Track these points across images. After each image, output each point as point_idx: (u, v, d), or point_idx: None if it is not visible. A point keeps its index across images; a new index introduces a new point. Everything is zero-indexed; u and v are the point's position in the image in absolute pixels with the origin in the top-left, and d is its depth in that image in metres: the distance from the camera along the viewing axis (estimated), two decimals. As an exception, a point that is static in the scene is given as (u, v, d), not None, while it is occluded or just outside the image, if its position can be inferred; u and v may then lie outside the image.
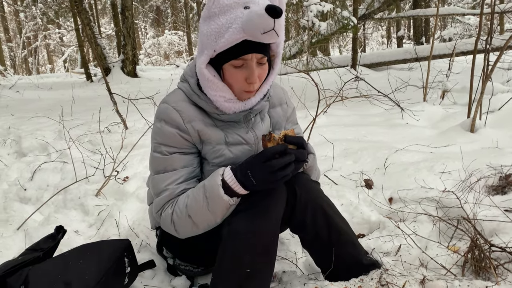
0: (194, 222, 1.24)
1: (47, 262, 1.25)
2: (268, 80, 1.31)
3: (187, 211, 1.23)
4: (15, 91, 8.06)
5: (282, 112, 1.50)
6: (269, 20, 1.09)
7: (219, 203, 1.19)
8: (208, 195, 1.20)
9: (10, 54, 22.78)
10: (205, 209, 1.21)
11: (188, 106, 1.30)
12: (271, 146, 1.18)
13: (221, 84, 1.23)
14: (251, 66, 1.19)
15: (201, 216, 1.22)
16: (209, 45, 1.19)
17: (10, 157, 3.17)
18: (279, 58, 1.30)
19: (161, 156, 1.30)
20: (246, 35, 1.13)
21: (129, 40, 10.43)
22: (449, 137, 2.86)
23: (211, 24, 1.18)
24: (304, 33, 5.86)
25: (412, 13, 8.64)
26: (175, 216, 1.26)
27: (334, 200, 1.76)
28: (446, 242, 1.58)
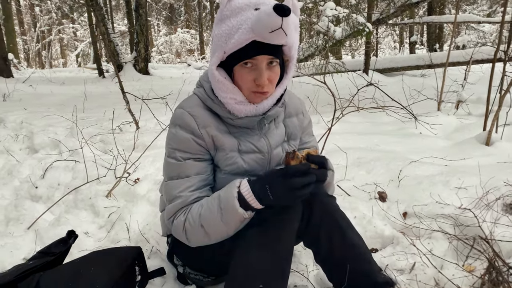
0: (207, 232, 1.22)
1: (59, 269, 1.24)
2: (281, 84, 1.30)
3: (200, 221, 1.22)
4: (28, 85, 8.12)
5: (298, 122, 1.48)
6: (277, 19, 1.09)
7: (233, 215, 1.17)
8: (222, 207, 1.18)
9: (24, 47, 23.02)
10: (218, 220, 1.19)
11: (203, 112, 1.30)
12: (294, 164, 1.18)
13: (231, 86, 1.23)
14: (261, 68, 1.19)
15: (214, 227, 1.21)
16: (219, 47, 1.20)
17: (22, 153, 3.18)
18: (293, 63, 1.29)
19: (175, 162, 1.29)
20: (255, 36, 1.13)
21: (142, 37, 10.48)
22: (464, 150, 2.81)
23: (222, 26, 1.19)
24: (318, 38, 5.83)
25: (427, 19, 8.55)
26: (187, 224, 1.24)
27: (347, 212, 1.74)
28: (461, 261, 1.54)
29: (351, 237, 1.35)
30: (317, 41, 5.89)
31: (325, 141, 2.54)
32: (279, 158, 1.41)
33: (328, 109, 4.25)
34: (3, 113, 4.45)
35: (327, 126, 3.48)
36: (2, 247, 1.76)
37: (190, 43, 24.05)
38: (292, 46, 1.22)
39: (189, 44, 24.10)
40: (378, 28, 10.69)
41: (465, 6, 18.55)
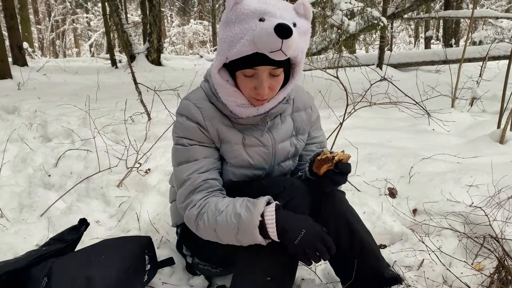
0: (218, 237, 1.22)
1: (71, 256, 1.26)
2: (285, 88, 1.28)
3: (215, 227, 1.20)
4: (43, 73, 8.21)
5: (306, 116, 1.47)
6: (277, 41, 1.06)
7: (249, 239, 1.16)
8: (240, 228, 1.16)
9: (38, 36, 23.25)
10: (233, 235, 1.18)
11: (209, 105, 1.31)
12: (326, 168, 1.24)
13: (232, 89, 1.22)
14: (261, 78, 1.18)
15: (227, 237, 1.20)
16: (222, 51, 1.19)
17: (35, 141, 3.23)
18: (300, 67, 1.26)
19: (182, 147, 1.30)
20: (256, 49, 1.11)
21: (155, 28, 10.49)
22: (477, 147, 2.78)
23: (226, 30, 1.17)
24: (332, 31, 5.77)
25: (444, 14, 8.40)
26: (201, 222, 1.23)
27: (356, 207, 1.73)
28: (471, 260, 1.53)
29: (360, 232, 1.35)
30: (331, 34, 5.84)
31: (336, 135, 2.53)
32: (286, 152, 1.41)
33: (340, 104, 4.22)
34: (18, 101, 4.51)
35: (338, 121, 3.46)
36: (16, 233, 1.80)
37: (203, 34, 24.04)
38: (298, 54, 1.19)
39: (202, 35, 24.09)
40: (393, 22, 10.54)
41: (483, 1, 18.20)
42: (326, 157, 1.23)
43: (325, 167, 1.23)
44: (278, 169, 1.43)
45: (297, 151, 1.46)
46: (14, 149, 2.98)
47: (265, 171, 1.39)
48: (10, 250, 1.67)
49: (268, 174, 1.41)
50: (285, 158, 1.43)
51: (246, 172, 1.36)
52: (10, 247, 1.69)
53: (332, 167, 1.23)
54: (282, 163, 1.43)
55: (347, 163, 1.25)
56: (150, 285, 1.44)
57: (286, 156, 1.42)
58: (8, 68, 7.20)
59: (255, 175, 1.38)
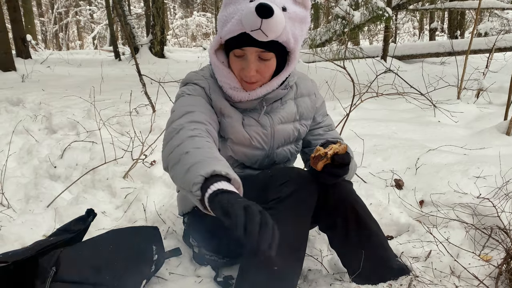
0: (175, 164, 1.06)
1: (78, 246, 1.27)
2: (279, 76, 1.30)
3: (184, 154, 1.05)
4: (46, 66, 8.21)
5: (311, 102, 1.48)
6: (256, 19, 1.09)
7: (192, 177, 0.96)
8: (199, 163, 0.99)
9: (42, 29, 23.22)
10: (185, 167, 1.01)
11: (214, 82, 1.34)
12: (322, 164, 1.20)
13: (226, 70, 1.26)
14: (249, 59, 1.21)
15: (180, 166, 1.03)
16: (218, 31, 1.24)
17: (41, 133, 3.24)
18: (294, 55, 1.28)
19: (187, 96, 1.30)
20: (244, 28, 1.14)
21: (158, 20, 10.46)
22: (483, 139, 2.76)
23: (223, 11, 1.22)
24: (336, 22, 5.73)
25: (450, 5, 8.32)
26: (178, 148, 1.08)
27: (363, 199, 1.71)
28: (478, 251, 1.53)
29: (367, 222, 1.35)
30: (335, 25, 5.80)
31: (342, 127, 2.52)
32: (287, 135, 1.42)
33: (345, 96, 4.20)
34: (22, 94, 4.52)
35: (344, 112, 3.45)
36: (23, 224, 1.81)
37: (206, 26, 23.94)
38: (288, 40, 1.20)
39: (205, 27, 23.99)
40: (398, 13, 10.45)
41: (489, -9, 17.98)
42: (319, 154, 1.20)
43: (321, 164, 1.21)
44: (280, 152, 1.43)
45: (300, 136, 1.48)
46: (20, 141, 2.98)
47: (264, 151, 1.40)
48: (18, 240, 1.68)
49: (268, 156, 1.42)
50: (285, 141, 1.44)
51: (246, 150, 1.37)
52: (17, 237, 1.70)
53: (329, 161, 1.21)
54: (283, 147, 1.44)
55: (343, 154, 1.22)
56: (157, 275, 1.45)
57: (287, 139, 1.44)
58: (12, 61, 7.20)
59: (254, 156, 1.39)
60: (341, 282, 1.38)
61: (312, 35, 6.46)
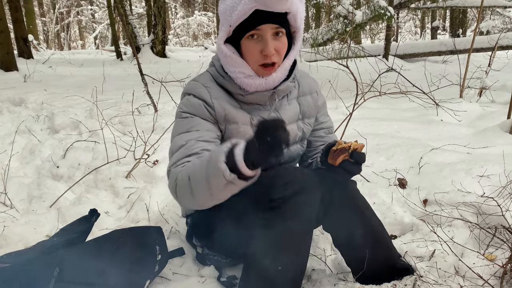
0: (191, 188, 1.09)
1: (82, 246, 1.26)
2: (289, 56, 1.30)
3: (188, 172, 1.11)
4: (48, 66, 8.21)
5: (313, 101, 1.48)
6: None
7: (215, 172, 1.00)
8: (210, 160, 1.03)
9: (43, 29, 23.25)
10: (203, 177, 1.04)
11: (216, 86, 1.32)
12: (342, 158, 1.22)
13: (239, 60, 1.25)
14: (266, 38, 1.20)
15: (197, 182, 1.07)
16: (225, 21, 1.22)
17: (43, 133, 3.24)
18: (300, 33, 1.29)
19: (185, 119, 1.28)
20: (257, 4, 1.14)
21: (159, 20, 10.45)
22: (486, 138, 2.75)
23: (226, 1, 1.21)
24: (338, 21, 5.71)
25: (452, 3, 8.29)
26: (180, 176, 1.13)
27: (366, 198, 1.70)
28: (482, 250, 1.52)
29: (371, 222, 1.35)
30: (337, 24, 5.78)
31: (345, 126, 2.51)
32: (294, 135, 1.42)
33: (347, 95, 4.19)
34: (24, 93, 4.52)
35: (346, 111, 3.44)
36: (26, 224, 1.81)
37: (207, 26, 23.92)
38: (296, 14, 1.22)
39: (206, 27, 23.98)
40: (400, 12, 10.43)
41: (491, -10, 17.93)
42: (343, 147, 1.22)
43: (341, 158, 1.22)
44: (287, 153, 1.43)
45: (305, 135, 1.48)
46: (22, 140, 2.98)
47: None
48: (21, 241, 1.68)
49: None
50: (292, 141, 1.43)
51: None
52: (20, 237, 1.70)
53: (348, 157, 1.22)
54: (290, 147, 1.43)
55: (361, 153, 1.24)
56: (161, 275, 1.44)
57: (294, 139, 1.43)
58: (14, 61, 7.20)
59: None
60: (345, 282, 1.38)
61: (314, 34, 6.45)
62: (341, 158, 1.24)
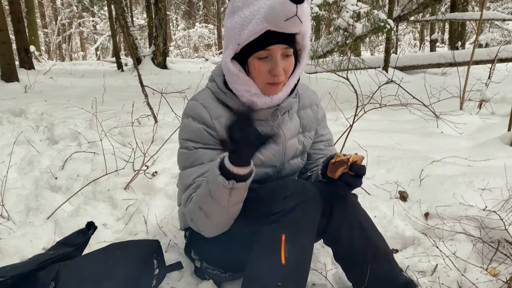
0: (206, 214, 1.19)
1: (78, 260, 1.24)
2: (294, 74, 1.29)
3: (197, 203, 1.20)
4: (49, 77, 8.24)
5: (313, 114, 1.47)
6: (291, 6, 1.07)
7: (216, 186, 1.11)
8: (209, 180, 1.15)
9: (45, 40, 23.40)
10: (209, 197, 1.15)
11: (216, 104, 1.30)
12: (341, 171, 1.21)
13: (246, 78, 1.22)
14: (275, 58, 1.18)
15: (208, 205, 1.17)
16: (233, 39, 1.19)
17: (42, 144, 3.23)
18: (306, 52, 1.28)
19: (187, 152, 1.29)
20: (268, 25, 1.11)
21: (160, 31, 10.52)
22: (487, 150, 2.73)
23: (235, 18, 1.18)
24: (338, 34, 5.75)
25: (450, 16, 8.36)
26: (192, 211, 1.23)
27: (367, 211, 1.69)
28: (485, 265, 1.50)
29: (373, 236, 1.33)
30: (337, 37, 5.82)
31: (346, 138, 2.50)
32: (295, 149, 1.41)
33: (347, 106, 4.19)
34: (25, 104, 4.52)
35: (346, 123, 3.43)
36: (23, 236, 1.79)
37: (208, 37, 24.09)
38: (305, 34, 1.21)
39: (207, 38, 24.14)
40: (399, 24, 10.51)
41: (489, 3, 18.11)
42: (341, 160, 1.20)
43: (340, 170, 1.21)
44: (288, 166, 1.42)
45: (305, 148, 1.47)
46: (21, 151, 2.97)
47: (275, 169, 1.38)
48: (17, 254, 1.66)
49: (277, 172, 1.40)
50: (293, 155, 1.42)
51: (256, 170, 1.33)
52: (16, 250, 1.67)
53: (347, 170, 1.21)
54: (291, 160, 1.42)
55: (361, 165, 1.23)
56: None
57: (295, 153, 1.42)
58: (15, 71, 7.23)
59: (266, 174, 1.37)
60: (346, 297, 1.35)
61: (314, 46, 6.48)
62: (340, 171, 1.22)
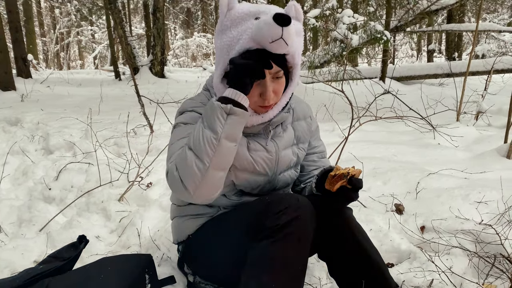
0: (195, 153, 1.09)
1: (68, 275, 1.22)
2: (286, 93, 1.28)
3: (187, 146, 1.12)
4: (46, 85, 8.23)
5: (307, 126, 1.47)
6: (277, 29, 1.06)
7: (212, 112, 1.09)
8: (204, 115, 1.12)
9: (43, 48, 23.44)
10: (201, 130, 1.10)
11: None
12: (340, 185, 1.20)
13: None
14: (265, 81, 1.17)
15: (199, 140, 1.09)
16: (222, 59, 1.18)
17: (37, 154, 3.21)
18: (297, 69, 1.26)
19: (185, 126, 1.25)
20: (255, 45, 1.11)
21: (158, 41, 10.55)
22: (484, 162, 2.73)
23: (223, 37, 1.17)
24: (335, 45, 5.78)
25: (447, 27, 8.43)
26: (177, 159, 1.13)
27: (363, 224, 1.69)
28: (482, 280, 1.48)
29: (367, 250, 1.31)
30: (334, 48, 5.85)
31: (341, 149, 2.50)
32: (288, 161, 1.40)
33: (343, 117, 4.19)
34: (21, 113, 4.51)
35: (342, 134, 3.43)
36: (14, 249, 1.76)
37: (206, 47, 24.17)
38: (295, 53, 1.19)
39: (205, 48, 24.22)
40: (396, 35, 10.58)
41: (486, 14, 18.29)
42: (342, 174, 1.19)
43: (339, 184, 1.20)
44: (281, 178, 1.41)
45: (299, 160, 1.46)
46: (16, 161, 2.95)
47: (267, 177, 1.37)
48: (8, 267, 1.63)
49: (269, 182, 1.38)
50: (287, 167, 1.41)
51: (248, 176, 1.33)
52: (7, 263, 1.65)
53: (346, 184, 1.20)
54: (284, 172, 1.41)
55: (359, 179, 1.22)
56: (150, 304, 1.40)
57: (288, 165, 1.41)
58: (11, 80, 7.22)
59: (257, 182, 1.36)
60: (341, 313, 1.33)
61: (310, 57, 6.51)
62: (339, 184, 1.21)
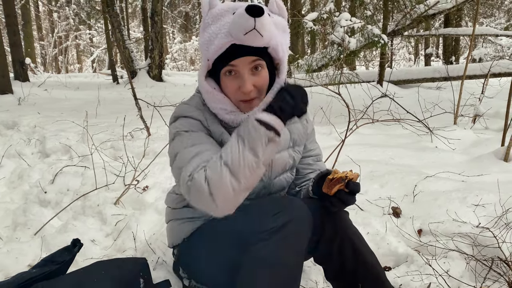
0: (232, 171, 1.04)
1: (62, 279, 1.21)
2: (272, 89, 1.25)
3: (222, 161, 1.06)
4: (44, 89, 8.22)
5: (303, 128, 1.45)
6: (249, 20, 1.06)
7: (257, 136, 1.04)
8: (242, 134, 1.06)
9: (41, 52, 23.42)
10: (242, 150, 1.05)
11: (208, 110, 1.28)
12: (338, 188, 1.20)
13: (221, 96, 1.21)
14: (243, 74, 1.16)
15: (239, 160, 1.04)
16: (203, 55, 1.19)
17: (33, 157, 3.19)
18: (284, 65, 1.25)
19: (186, 134, 1.21)
20: (232, 39, 1.11)
21: (156, 44, 10.56)
22: (481, 165, 2.73)
23: (204, 34, 1.18)
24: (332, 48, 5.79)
25: (444, 31, 8.46)
26: (209, 172, 1.06)
27: (360, 227, 1.68)
28: (479, 283, 1.47)
29: (364, 254, 1.30)
30: (331, 51, 5.85)
31: (338, 152, 2.49)
32: (284, 164, 1.38)
33: (340, 120, 4.19)
34: (17, 117, 4.49)
35: (339, 137, 3.42)
36: (8, 252, 1.75)
37: (204, 51, 24.20)
38: (277, 47, 1.19)
39: (203, 52, 24.25)
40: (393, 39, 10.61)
41: (482, 19, 18.37)
42: (340, 177, 1.18)
43: (337, 188, 1.19)
44: (277, 182, 1.40)
45: (295, 163, 1.44)
46: (12, 164, 2.93)
47: (262, 182, 1.36)
48: (2, 271, 1.62)
49: (265, 187, 1.37)
50: (283, 170, 1.40)
51: None
52: (1, 267, 1.63)
53: (343, 187, 1.19)
54: (280, 176, 1.40)
55: (357, 183, 1.21)
56: (145, 309, 1.38)
57: (284, 168, 1.40)
58: (9, 83, 7.21)
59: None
60: (337, 317, 1.32)
61: (308, 60, 6.52)
62: (337, 187, 1.20)
